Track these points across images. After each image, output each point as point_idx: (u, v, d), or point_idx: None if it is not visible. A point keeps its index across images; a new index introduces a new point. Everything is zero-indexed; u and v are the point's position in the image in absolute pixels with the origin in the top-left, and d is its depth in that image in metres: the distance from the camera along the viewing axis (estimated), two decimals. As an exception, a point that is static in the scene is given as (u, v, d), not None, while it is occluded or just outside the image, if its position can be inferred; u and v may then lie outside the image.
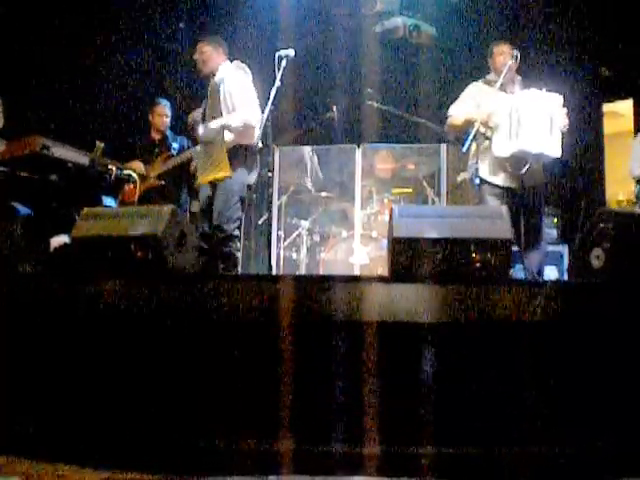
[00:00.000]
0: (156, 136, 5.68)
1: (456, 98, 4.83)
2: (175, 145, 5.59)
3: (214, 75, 4.78)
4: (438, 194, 6.25)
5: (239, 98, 4.69)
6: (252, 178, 4.76)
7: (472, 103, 4.67)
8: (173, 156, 5.53)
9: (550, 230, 6.29)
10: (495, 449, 2.64)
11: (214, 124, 4.64)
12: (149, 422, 2.82)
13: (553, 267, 6.03)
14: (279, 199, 6.30)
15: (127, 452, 2.74)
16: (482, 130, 4.57)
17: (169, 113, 5.69)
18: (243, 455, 2.68)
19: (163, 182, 5.49)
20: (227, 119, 4.67)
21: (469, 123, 4.55)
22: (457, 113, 4.72)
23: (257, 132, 4.57)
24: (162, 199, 5.29)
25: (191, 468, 2.68)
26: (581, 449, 2.64)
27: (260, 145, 4.66)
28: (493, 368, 2.72)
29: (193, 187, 5.85)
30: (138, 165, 5.49)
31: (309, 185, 6.48)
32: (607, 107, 7.29)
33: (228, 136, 4.66)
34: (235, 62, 4.82)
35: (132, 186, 5.42)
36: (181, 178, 5.59)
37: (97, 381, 2.89)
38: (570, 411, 2.69)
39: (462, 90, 4.83)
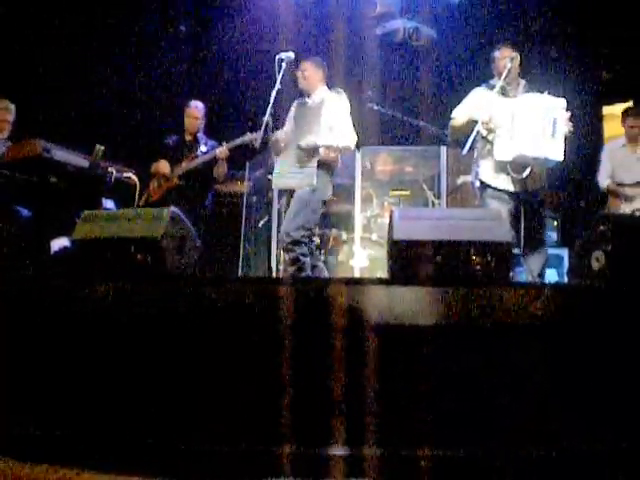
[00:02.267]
0: (187, 137, 5.71)
1: (456, 100, 4.84)
2: (203, 147, 5.60)
3: (309, 95, 4.95)
4: (438, 196, 6.25)
5: (345, 123, 4.85)
6: (329, 194, 4.92)
7: (475, 107, 4.67)
8: (197, 157, 5.55)
9: (550, 233, 6.29)
10: (495, 451, 2.64)
11: (321, 140, 4.71)
12: (148, 424, 2.82)
13: (553, 270, 6.03)
14: (279, 201, 6.30)
15: (126, 455, 2.74)
16: (483, 133, 4.57)
17: (200, 115, 5.69)
18: (242, 458, 2.68)
19: (183, 182, 5.50)
20: (335, 140, 4.78)
21: (471, 123, 4.55)
22: (460, 116, 4.73)
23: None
24: (184, 200, 5.29)
25: (190, 471, 2.68)
26: (580, 451, 2.64)
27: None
28: (493, 370, 2.71)
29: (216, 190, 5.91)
30: (164, 164, 5.53)
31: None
32: (607, 110, 7.29)
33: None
34: (336, 88, 4.96)
35: (156, 184, 5.47)
36: (206, 180, 5.60)
37: (97, 383, 2.89)
38: (570, 413, 2.69)
39: (462, 93, 4.84)
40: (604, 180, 5.58)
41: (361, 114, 6.41)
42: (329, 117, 4.78)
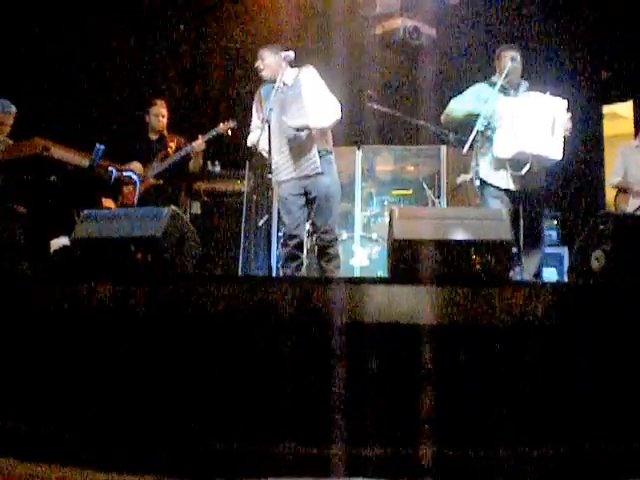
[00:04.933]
0: (153, 136, 5.63)
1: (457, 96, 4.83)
2: (172, 144, 5.55)
3: (277, 80, 4.70)
4: (438, 196, 6.26)
5: (327, 94, 4.70)
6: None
7: (475, 101, 4.67)
8: (169, 155, 5.50)
9: (550, 232, 6.30)
10: (495, 450, 2.64)
11: (312, 122, 4.56)
12: (148, 424, 2.82)
13: (553, 269, 6.04)
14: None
15: (126, 454, 2.74)
16: (482, 129, 4.57)
17: (165, 113, 5.65)
18: (243, 457, 2.68)
19: (161, 181, 5.46)
20: (323, 119, 4.62)
21: (470, 116, 4.56)
22: (458, 106, 4.72)
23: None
24: (162, 199, 5.24)
25: (190, 471, 2.68)
26: (581, 450, 2.64)
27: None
28: (493, 370, 2.71)
29: (191, 187, 5.85)
30: (137, 166, 5.45)
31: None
32: (607, 109, 7.30)
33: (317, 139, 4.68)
34: (307, 66, 4.80)
35: (131, 188, 5.40)
36: (179, 178, 5.56)
37: (96, 383, 2.89)
38: (570, 412, 2.69)
39: (462, 92, 4.83)
40: (615, 178, 5.67)
41: (361, 113, 6.42)
42: (310, 94, 4.64)
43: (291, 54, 4.65)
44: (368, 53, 6.79)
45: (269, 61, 4.78)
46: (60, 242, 4.39)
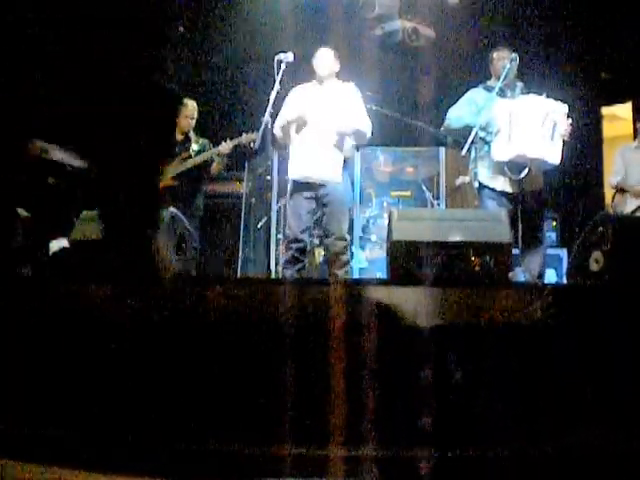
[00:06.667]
0: (179, 136, 5.62)
1: (455, 102, 4.83)
2: (195, 147, 5.53)
3: (322, 82, 4.82)
4: (437, 197, 6.26)
5: (365, 112, 4.83)
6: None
7: (472, 108, 4.67)
8: (191, 157, 5.47)
9: (549, 233, 6.30)
10: (495, 452, 2.64)
11: (355, 125, 4.66)
12: (148, 425, 2.82)
13: (552, 270, 6.04)
14: (278, 202, 6.29)
15: (126, 455, 2.74)
16: (481, 134, 4.57)
17: (195, 115, 5.63)
18: (242, 458, 2.68)
19: (177, 183, 5.42)
20: (363, 125, 4.73)
21: (469, 127, 4.56)
22: (456, 117, 4.72)
23: None
24: (176, 201, 5.22)
25: (189, 471, 2.68)
26: (581, 450, 2.64)
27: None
28: (492, 371, 2.71)
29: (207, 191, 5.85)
30: None
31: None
32: (606, 110, 7.31)
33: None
34: (350, 82, 4.90)
35: None
36: (198, 181, 5.53)
37: (95, 384, 2.89)
38: (570, 413, 2.69)
39: (461, 93, 4.83)
40: (615, 178, 5.72)
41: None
42: (352, 105, 4.71)
43: (290, 56, 4.66)
44: (367, 54, 6.79)
45: (329, 63, 4.83)
46: (59, 244, 4.40)
